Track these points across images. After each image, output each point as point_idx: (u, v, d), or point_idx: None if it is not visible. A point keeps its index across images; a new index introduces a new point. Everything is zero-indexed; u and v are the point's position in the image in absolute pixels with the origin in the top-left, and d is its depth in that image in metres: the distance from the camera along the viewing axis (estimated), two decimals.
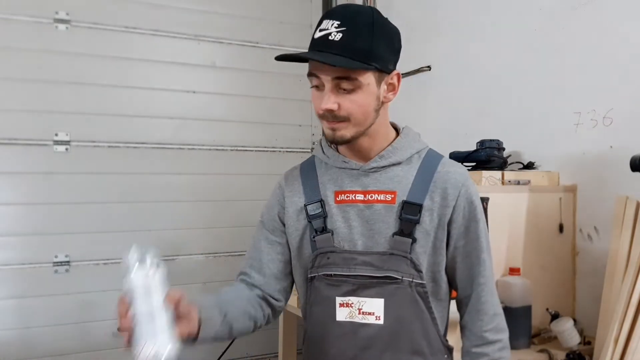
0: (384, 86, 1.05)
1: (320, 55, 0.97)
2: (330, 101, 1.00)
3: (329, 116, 1.02)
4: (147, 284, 0.89)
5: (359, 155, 1.12)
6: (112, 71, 2.68)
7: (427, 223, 1.06)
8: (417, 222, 1.05)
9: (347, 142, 1.05)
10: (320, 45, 0.99)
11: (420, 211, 1.05)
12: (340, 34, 0.97)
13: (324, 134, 1.19)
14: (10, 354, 2.47)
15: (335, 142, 1.07)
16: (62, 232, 2.57)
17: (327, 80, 1.00)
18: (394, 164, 1.10)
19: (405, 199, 1.06)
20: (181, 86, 2.84)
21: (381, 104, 1.06)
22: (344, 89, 0.99)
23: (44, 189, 2.54)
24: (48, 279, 2.54)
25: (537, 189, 1.83)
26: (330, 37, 0.98)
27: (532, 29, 2.07)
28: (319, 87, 1.03)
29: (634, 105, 1.70)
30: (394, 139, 1.13)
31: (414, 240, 1.05)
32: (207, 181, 2.91)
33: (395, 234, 1.06)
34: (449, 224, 1.08)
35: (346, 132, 1.03)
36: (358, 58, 0.97)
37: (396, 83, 1.08)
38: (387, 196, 1.07)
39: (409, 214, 1.05)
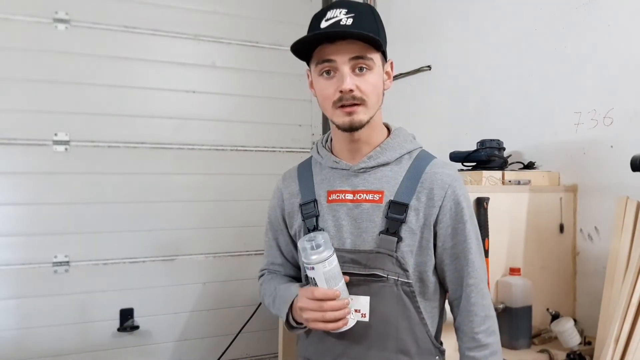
0: (384, 73, 1.10)
1: (342, 31, 1.02)
2: (352, 82, 1.03)
3: (348, 98, 1.04)
4: (333, 264, 1.01)
5: (353, 150, 1.13)
6: (111, 71, 2.68)
7: (413, 222, 1.07)
8: (403, 221, 1.07)
9: (363, 126, 1.07)
10: (333, 29, 1.03)
11: (406, 210, 1.07)
12: (351, 19, 1.02)
13: (325, 138, 1.19)
14: (9, 354, 2.47)
15: (352, 129, 1.08)
16: (61, 232, 2.56)
17: (343, 62, 1.03)
18: (382, 165, 1.12)
19: (392, 198, 1.08)
20: (181, 86, 2.84)
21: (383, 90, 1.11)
22: (359, 69, 1.04)
23: (43, 189, 2.54)
24: (47, 279, 2.54)
25: (538, 189, 1.83)
26: (342, 22, 1.02)
27: (532, 29, 2.06)
28: (329, 74, 1.05)
29: (634, 105, 1.70)
30: (384, 140, 1.15)
31: (400, 239, 1.07)
32: (207, 181, 2.90)
33: (381, 232, 1.07)
34: (436, 224, 1.09)
35: (364, 115, 1.06)
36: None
37: (391, 71, 1.14)
38: (374, 196, 1.09)
39: (395, 213, 1.07)
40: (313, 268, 1.00)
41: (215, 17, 2.92)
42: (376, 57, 1.05)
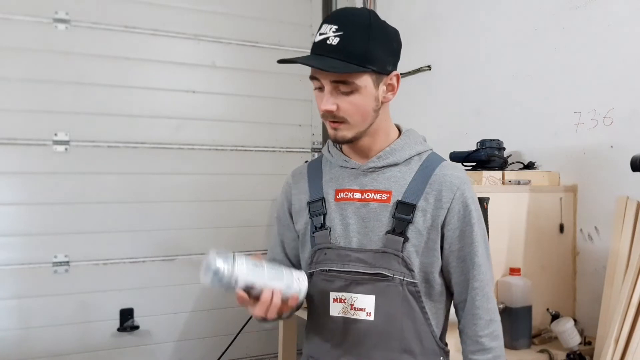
0: (382, 87, 1.08)
1: (317, 61, 1.01)
2: (329, 102, 1.03)
3: (329, 116, 1.06)
4: (246, 265, 0.99)
5: (360, 154, 1.15)
6: (111, 71, 2.68)
7: (420, 223, 1.08)
8: (410, 221, 1.07)
9: (349, 141, 1.09)
10: (319, 49, 1.03)
11: (413, 211, 1.07)
12: (338, 38, 1.00)
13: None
14: (9, 354, 2.47)
15: (337, 142, 1.11)
16: (61, 232, 2.56)
17: (326, 82, 1.04)
18: (391, 165, 1.12)
19: (400, 198, 1.09)
20: (181, 86, 2.84)
21: (380, 104, 1.08)
22: (342, 92, 1.03)
23: (43, 189, 2.54)
24: (47, 279, 2.54)
25: (538, 188, 1.83)
26: (328, 42, 1.01)
27: (532, 29, 2.06)
28: (321, 89, 1.06)
29: (634, 105, 1.70)
30: (394, 140, 1.14)
31: (406, 239, 1.07)
32: (207, 181, 2.90)
33: (388, 232, 1.08)
34: (443, 226, 1.09)
35: (347, 132, 1.07)
36: (354, 61, 1.00)
37: (395, 84, 1.10)
38: (382, 195, 1.10)
39: (402, 213, 1.08)
40: (237, 282, 0.98)
41: (215, 17, 2.92)
42: (361, 78, 1.02)
